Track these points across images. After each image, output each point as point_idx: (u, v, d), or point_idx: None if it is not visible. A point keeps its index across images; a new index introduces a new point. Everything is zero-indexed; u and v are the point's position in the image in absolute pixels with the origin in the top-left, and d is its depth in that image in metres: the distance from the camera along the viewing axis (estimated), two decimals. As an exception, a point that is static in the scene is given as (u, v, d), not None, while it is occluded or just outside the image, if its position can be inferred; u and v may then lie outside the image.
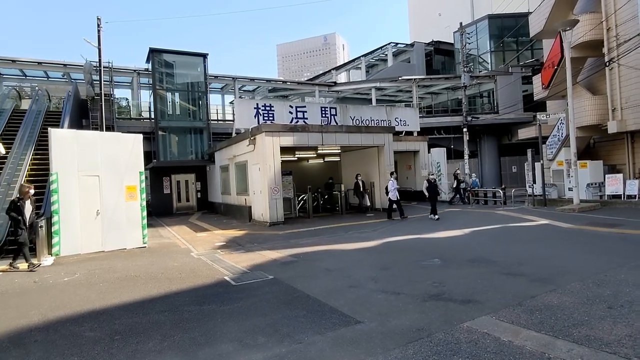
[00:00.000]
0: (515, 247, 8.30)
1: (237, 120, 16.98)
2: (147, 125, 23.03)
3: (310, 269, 7.17)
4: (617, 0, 15.70)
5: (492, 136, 29.89)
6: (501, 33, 31.79)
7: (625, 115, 15.62)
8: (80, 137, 10.16)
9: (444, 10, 47.52)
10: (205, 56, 23.27)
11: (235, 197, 17.78)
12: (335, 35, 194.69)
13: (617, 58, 15.39)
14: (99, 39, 18.88)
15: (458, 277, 6.05)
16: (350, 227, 12.47)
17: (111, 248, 10.03)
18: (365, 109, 20.26)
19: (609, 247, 7.68)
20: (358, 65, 40.41)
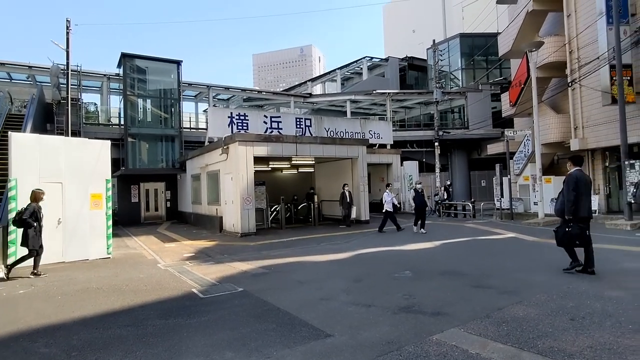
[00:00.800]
0: (484, 259, 8.47)
1: (211, 128, 16.75)
2: (116, 131, 22.39)
3: (281, 281, 7.06)
4: (578, 25, 16.60)
5: (463, 151, 30.73)
6: (472, 51, 32.96)
7: (586, 134, 16.40)
8: (43, 142, 9.72)
9: (418, 27, 48.97)
10: (180, 63, 22.95)
11: (206, 207, 17.43)
12: (312, 47, 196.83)
13: (579, 79, 16.20)
14: (67, 41, 18.31)
15: (428, 289, 6.09)
16: (323, 239, 12.42)
17: (72, 259, 9.57)
18: (340, 121, 20.44)
19: (571, 260, 7.94)
20: (334, 78, 40.89)
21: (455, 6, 44.08)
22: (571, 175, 6.62)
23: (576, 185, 6.43)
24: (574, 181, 6.46)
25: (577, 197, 6.41)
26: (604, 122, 15.35)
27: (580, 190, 6.43)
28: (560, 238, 6.68)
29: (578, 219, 6.44)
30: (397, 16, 54.31)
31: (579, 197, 6.42)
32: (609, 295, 5.30)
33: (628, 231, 11.52)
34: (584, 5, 16.26)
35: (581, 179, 6.51)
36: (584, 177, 6.62)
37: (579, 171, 6.67)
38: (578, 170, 6.68)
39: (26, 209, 7.82)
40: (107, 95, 24.75)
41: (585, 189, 6.53)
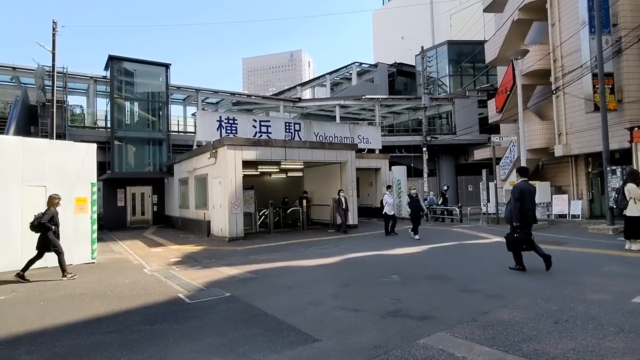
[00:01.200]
0: (471, 263, 8.56)
1: (199, 132, 16.65)
2: (103, 134, 22.11)
3: (269, 286, 7.03)
4: (562, 34, 16.98)
5: (450, 156, 31.06)
6: (459, 58, 33.44)
7: (569, 140, 16.73)
8: (27, 145, 9.55)
9: (407, 34, 49.48)
10: (168, 66, 22.80)
11: (193, 211, 17.28)
12: (302, 52, 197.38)
13: (563, 87, 16.54)
14: (53, 42, 18.06)
15: (416, 293, 6.13)
16: (311, 243, 12.40)
17: (56, 264, 9.35)
18: (329, 125, 20.50)
19: (555, 264, 8.07)
20: (323, 83, 41.02)
21: (443, 14, 44.70)
22: (517, 186, 7.22)
23: (521, 195, 7.00)
24: (519, 192, 7.05)
25: (522, 206, 6.98)
26: (587, 129, 15.69)
27: (525, 200, 7.00)
28: (510, 243, 7.30)
29: (524, 225, 7.05)
30: (386, 23, 54.83)
31: (524, 205, 6.99)
32: (591, 299, 5.40)
33: (610, 235, 11.76)
34: (567, 15, 16.65)
35: (525, 189, 7.07)
36: (528, 188, 7.15)
37: (524, 182, 7.26)
38: (523, 182, 7.27)
39: (44, 214, 7.99)
40: (94, 97, 24.44)
41: (530, 198, 7.09)
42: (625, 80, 14.57)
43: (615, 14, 14.66)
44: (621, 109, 14.54)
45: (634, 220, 9.10)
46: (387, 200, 13.89)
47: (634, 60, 14.60)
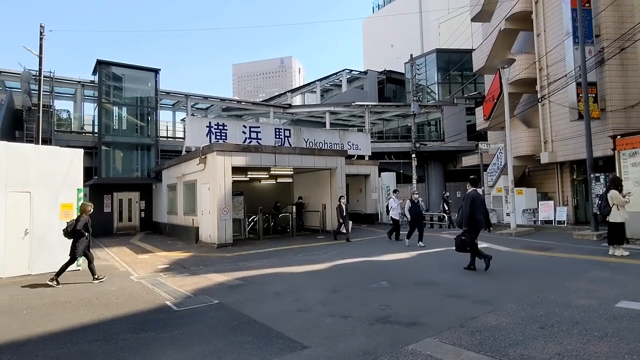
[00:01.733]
0: (459, 269, 8.61)
1: (189, 138, 16.56)
2: (90, 139, 21.86)
3: (258, 293, 6.98)
4: (547, 44, 17.35)
5: (439, 162, 31.35)
6: (448, 66, 33.90)
7: (555, 148, 17.03)
8: (11, 150, 9.38)
9: (397, 41, 50.07)
10: (157, 71, 22.68)
11: (182, 217, 17.13)
12: (292, 59, 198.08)
13: (548, 95, 16.86)
14: (40, 47, 17.87)
15: (404, 299, 6.15)
16: (300, 250, 12.37)
17: (40, 271, 9.20)
18: (319, 132, 20.57)
19: (542, 269, 8.19)
20: (313, 89, 41.19)
21: (432, 22, 45.37)
22: (469, 194, 7.96)
23: (472, 203, 7.72)
24: (470, 199, 7.78)
25: (472, 213, 7.65)
26: (572, 137, 15.99)
27: (476, 207, 7.70)
28: (458, 244, 8.09)
29: (472, 230, 7.77)
30: (376, 31, 55.42)
31: (474, 212, 7.67)
32: (576, 304, 5.48)
33: (594, 241, 11.96)
34: (552, 25, 17.03)
35: (476, 197, 7.83)
36: (478, 196, 7.92)
37: (474, 191, 8.00)
38: (474, 191, 8.02)
39: (77, 221, 8.19)
40: (81, 102, 24.15)
41: (480, 206, 7.82)
42: (608, 90, 14.92)
43: (598, 25, 15.04)
44: (604, 118, 14.87)
45: (617, 226, 9.29)
46: (392, 205, 13.59)
47: (616, 70, 14.97)
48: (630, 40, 14.36)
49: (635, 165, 11.42)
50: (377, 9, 58.97)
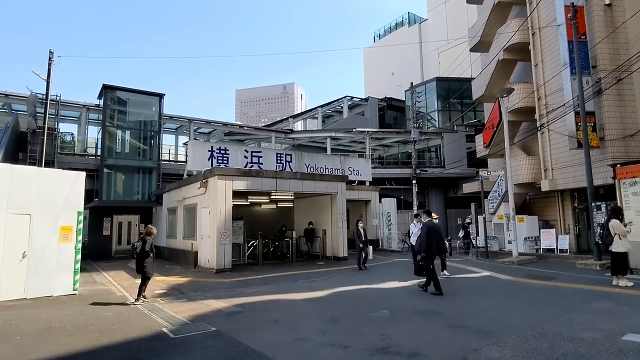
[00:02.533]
0: (460, 298, 8.49)
1: (190, 162, 16.65)
2: (92, 162, 22.00)
3: (256, 321, 6.86)
4: (545, 74, 17.67)
5: (439, 189, 31.37)
6: (447, 94, 34.45)
7: (555, 175, 17.07)
8: (14, 172, 9.43)
9: (397, 70, 51.07)
10: (162, 96, 23.05)
11: (181, 241, 17.01)
12: (294, 85, 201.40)
13: (547, 124, 17.05)
14: (49, 71, 18.22)
15: (405, 329, 6.03)
16: (300, 276, 12.22)
17: (35, 295, 9.08)
18: (320, 157, 20.69)
19: (545, 299, 8.06)
20: (315, 115, 41.75)
21: (431, 52, 46.38)
22: (425, 224, 9.06)
23: (428, 231, 8.73)
24: (427, 229, 8.81)
25: (428, 241, 8.62)
26: (572, 165, 16.06)
27: (431, 236, 8.65)
28: (416, 268, 9.03)
29: (429, 256, 8.66)
30: (376, 59, 56.61)
31: (430, 240, 8.62)
32: (581, 336, 5.36)
33: (598, 271, 11.81)
34: (549, 56, 17.40)
35: (432, 227, 8.87)
36: (434, 226, 8.97)
37: (430, 221, 9.09)
38: (430, 221, 9.10)
39: (145, 242, 8.72)
40: (86, 125, 24.45)
41: (435, 235, 8.77)
42: (607, 119, 15.09)
43: (595, 56, 15.37)
44: (603, 146, 14.98)
45: (620, 256, 9.19)
46: (413, 230, 12.62)
47: (613, 100, 15.19)
48: (626, 72, 14.64)
49: (636, 195, 11.41)
50: (378, 38, 60.45)
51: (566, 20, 15.15)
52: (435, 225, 9.13)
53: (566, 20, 15.15)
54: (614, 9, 15.65)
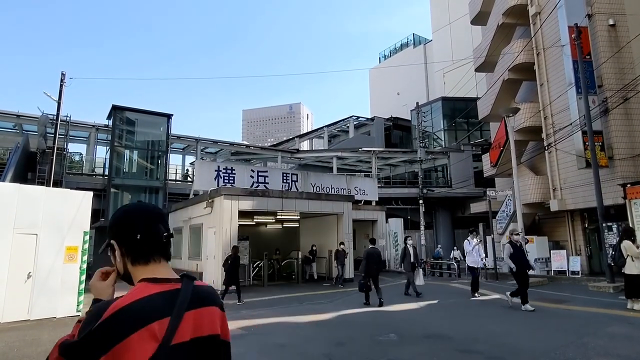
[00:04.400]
0: (470, 322, 8.27)
1: (197, 181, 16.72)
2: (100, 181, 22.18)
3: (261, 344, 6.71)
4: (551, 94, 17.69)
5: (447, 209, 31.07)
6: (453, 114, 34.52)
7: (564, 195, 16.86)
8: (23, 192, 9.49)
9: (402, 90, 51.47)
10: (170, 117, 23.37)
11: (186, 262, 16.92)
12: (301, 105, 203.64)
13: (555, 143, 16.95)
14: (60, 93, 18.58)
15: (414, 353, 5.86)
16: (306, 298, 12.04)
17: (38, 316, 9.00)
18: (326, 176, 20.68)
19: (557, 323, 7.83)
20: (321, 135, 41.97)
21: (437, 72, 46.79)
22: (366, 250, 10.94)
23: (367, 256, 10.55)
24: (366, 254, 10.68)
25: (367, 264, 10.39)
26: (581, 185, 15.87)
27: (369, 260, 10.45)
28: (359, 286, 10.50)
29: (367, 275, 10.32)
30: (382, 79, 57.21)
31: (369, 263, 10.40)
32: (597, 363, 5.16)
33: (611, 294, 11.49)
34: (555, 75, 17.46)
35: (371, 252, 10.69)
36: (373, 251, 10.77)
37: (372, 248, 10.87)
38: (372, 248, 10.90)
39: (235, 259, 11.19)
40: (94, 145, 24.78)
41: (373, 259, 10.54)
42: (615, 138, 14.99)
43: (600, 75, 15.39)
44: (613, 166, 14.82)
45: (633, 279, 8.94)
46: (467, 249, 11.35)
47: (621, 119, 15.12)
48: (633, 91, 14.61)
49: (648, 215, 11.20)
50: (383, 59, 61.22)
51: (570, 40, 15.25)
52: (375, 251, 10.81)
53: (570, 41, 15.25)
54: (618, 29, 15.77)
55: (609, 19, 15.88)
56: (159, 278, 1.19)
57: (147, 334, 1.06)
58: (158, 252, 1.25)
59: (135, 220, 1.24)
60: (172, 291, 1.16)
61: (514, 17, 19.83)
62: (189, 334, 1.13)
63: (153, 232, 1.24)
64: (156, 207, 1.34)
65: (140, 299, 1.11)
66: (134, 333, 1.04)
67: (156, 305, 1.11)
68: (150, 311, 1.09)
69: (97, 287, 1.32)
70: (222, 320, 1.27)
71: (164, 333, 1.08)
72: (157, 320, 1.08)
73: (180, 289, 1.18)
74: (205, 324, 1.19)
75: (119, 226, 1.26)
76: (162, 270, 1.23)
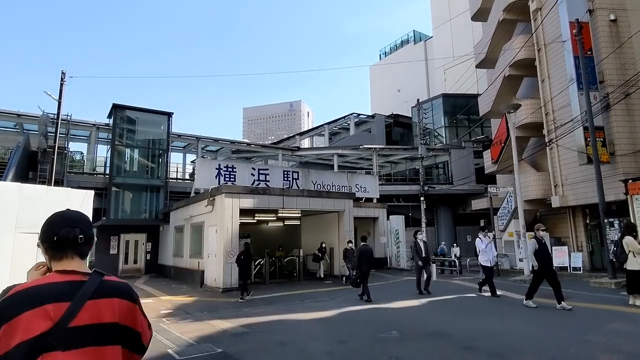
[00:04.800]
0: (472, 319, 8.27)
1: (198, 180, 16.72)
2: (101, 180, 22.18)
3: (263, 342, 6.72)
4: (552, 90, 17.63)
5: (448, 206, 31.05)
6: (454, 110, 34.43)
7: (566, 191, 16.83)
8: (24, 191, 9.49)
9: (403, 87, 51.36)
10: (170, 115, 23.33)
11: (187, 260, 16.94)
12: (301, 103, 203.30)
13: (556, 140, 16.91)
14: (60, 92, 18.58)
15: (415, 351, 5.86)
16: (307, 295, 12.05)
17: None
18: (327, 174, 20.66)
19: (559, 320, 7.82)
20: (321, 132, 41.90)
21: (437, 69, 46.67)
22: (358, 248, 11.41)
23: (359, 253, 11.04)
24: (359, 251, 11.19)
25: (359, 260, 10.85)
26: (582, 181, 15.83)
27: (362, 257, 10.87)
28: (352, 281, 11.13)
29: (361, 273, 10.74)
30: (382, 76, 57.09)
31: (361, 260, 10.80)
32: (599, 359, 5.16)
33: (613, 290, 11.48)
34: (556, 71, 17.39)
35: (364, 250, 11.07)
36: (365, 249, 11.14)
37: (364, 245, 11.25)
38: (363, 245, 11.28)
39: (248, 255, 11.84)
40: (95, 144, 24.78)
41: (365, 256, 10.90)
42: (616, 134, 14.94)
43: (602, 71, 15.33)
44: (614, 162, 14.78)
45: (635, 274, 8.91)
46: (480, 247, 10.87)
47: (622, 115, 15.07)
48: (634, 86, 14.55)
49: (650, 211, 11.17)
50: (383, 56, 61.08)
51: (571, 36, 15.19)
52: (367, 248, 11.16)
53: (571, 36, 15.18)
54: (619, 25, 15.69)
55: (610, 14, 15.80)
56: (68, 270, 1.40)
57: (40, 313, 1.24)
58: (72, 251, 1.46)
59: (54, 225, 1.46)
60: (78, 282, 1.36)
61: (515, 13, 19.75)
62: (88, 319, 1.30)
63: (68, 235, 1.44)
64: (78, 214, 1.55)
65: (40, 285, 1.33)
66: (26, 312, 1.23)
67: (55, 291, 1.31)
68: (46, 295, 1.28)
69: (31, 275, 1.53)
70: (131, 311, 1.44)
71: (61, 315, 1.26)
72: (53, 303, 1.27)
73: (87, 281, 1.37)
74: (108, 313, 1.35)
75: (43, 229, 1.48)
76: (73, 265, 1.44)
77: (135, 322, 1.45)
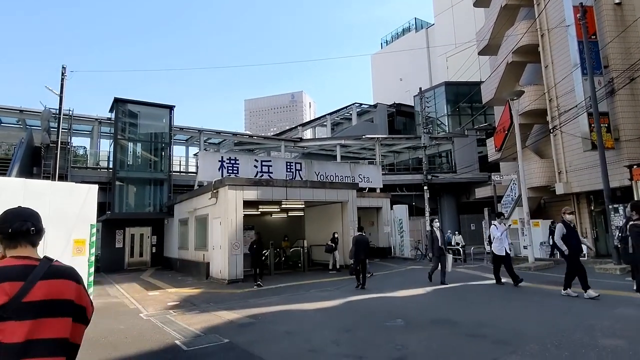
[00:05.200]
0: (476, 306, 8.31)
1: (201, 172, 16.75)
2: (104, 175, 22.24)
3: (269, 332, 6.79)
4: (556, 75, 17.45)
5: (451, 194, 31.02)
6: (457, 98, 34.19)
7: (570, 178, 16.75)
8: (29, 187, 9.55)
9: (405, 75, 50.98)
10: (172, 108, 23.29)
11: (193, 253, 17.06)
12: (303, 94, 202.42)
13: (560, 126, 16.79)
14: (61, 87, 18.58)
15: (421, 339, 5.90)
16: (312, 285, 12.13)
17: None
18: (330, 165, 20.64)
19: (563, 306, 7.84)
20: (324, 123, 41.75)
21: (439, 56, 46.24)
22: (354, 237, 11.59)
23: (356, 243, 11.16)
24: (355, 241, 11.28)
25: (356, 250, 11.03)
26: (586, 167, 15.76)
27: (359, 246, 11.06)
28: (350, 270, 11.73)
29: (357, 261, 11.05)
30: (384, 65, 56.66)
31: (358, 250, 11.02)
32: (603, 344, 5.18)
33: (618, 275, 11.49)
34: (560, 57, 17.20)
35: (360, 239, 11.24)
36: (362, 238, 11.34)
37: (360, 235, 11.45)
38: (359, 235, 11.48)
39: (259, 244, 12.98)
40: (98, 139, 24.80)
41: (362, 245, 11.11)
42: (621, 119, 14.81)
43: (606, 56, 15.14)
44: (619, 147, 14.68)
45: (641, 260, 8.89)
46: (495, 234, 10.49)
47: (627, 100, 14.92)
48: (639, 71, 14.37)
49: (655, 196, 11.11)
50: (385, 44, 60.57)
51: (575, 20, 14.98)
52: (363, 238, 11.36)
53: (575, 21, 14.98)
54: (624, 8, 15.46)
55: (615, -3, 15.55)
56: (22, 256, 1.66)
57: None
58: (24, 240, 1.71)
59: (8, 220, 1.71)
60: (30, 266, 1.61)
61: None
62: (40, 296, 1.55)
63: (21, 228, 1.70)
64: (29, 210, 1.80)
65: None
66: None
67: (10, 272, 1.57)
68: (3, 275, 1.55)
69: None
70: (78, 290, 1.69)
71: (16, 291, 1.52)
72: (9, 282, 1.53)
73: (37, 265, 1.62)
74: (57, 291, 1.61)
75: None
76: (26, 252, 1.70)
77: (80, 298, 1.70)
